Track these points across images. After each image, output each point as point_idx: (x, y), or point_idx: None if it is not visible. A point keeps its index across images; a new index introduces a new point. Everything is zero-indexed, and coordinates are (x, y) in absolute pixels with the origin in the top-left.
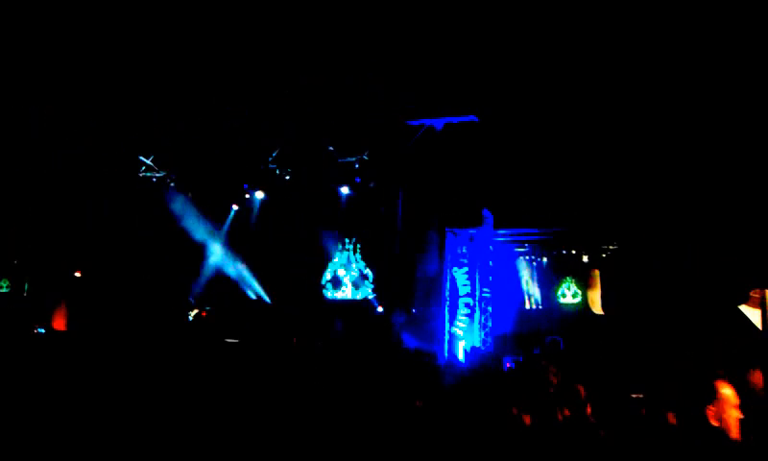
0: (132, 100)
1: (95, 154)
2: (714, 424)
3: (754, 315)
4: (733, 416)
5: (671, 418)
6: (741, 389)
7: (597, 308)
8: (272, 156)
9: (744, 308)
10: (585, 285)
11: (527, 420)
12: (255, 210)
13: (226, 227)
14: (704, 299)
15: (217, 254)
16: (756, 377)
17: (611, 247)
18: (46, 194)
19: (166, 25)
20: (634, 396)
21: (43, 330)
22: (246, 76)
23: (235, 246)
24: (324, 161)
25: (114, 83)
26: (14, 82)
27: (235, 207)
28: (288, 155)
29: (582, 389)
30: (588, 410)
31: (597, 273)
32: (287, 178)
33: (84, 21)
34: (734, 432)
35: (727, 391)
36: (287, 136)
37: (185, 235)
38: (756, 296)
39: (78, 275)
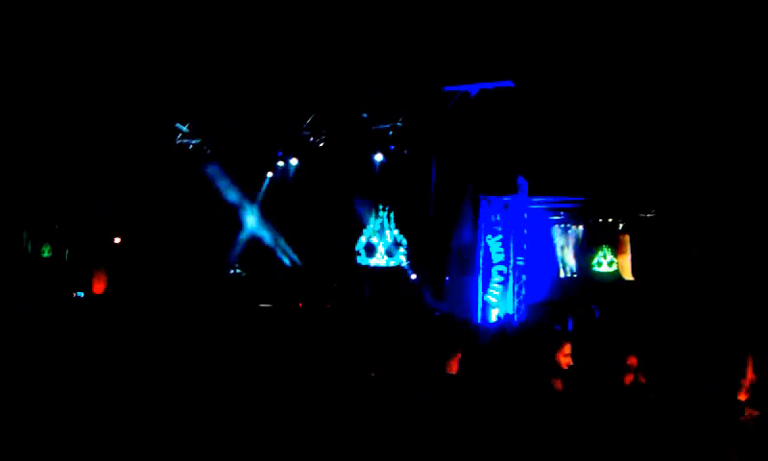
0: (167, 67)
1: (133, 121)
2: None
3: None
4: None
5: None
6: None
7: (627, 274)
8: (306, 122)
9: None
10: (616, 252)
11: (558, 385)
12: (290, 177)
13: (261, 193)
14: (735, 265)
15: (252, 220)
16: None
17: (644, 215)
18: (85, 162)
19: None
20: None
21: (82, 294)
22: (277, 43)
23: (270, 213)
24: (358, 128)
25: (153, 48)
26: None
27: (270, 175)
28: (322, 121)
29: (635, 359)
30: (642, 379)
31: (627, 239)
32: (321, 145)
33: None
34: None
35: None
36: (321, 103)
37: (221, 202)
38: None
39: (117, 241)
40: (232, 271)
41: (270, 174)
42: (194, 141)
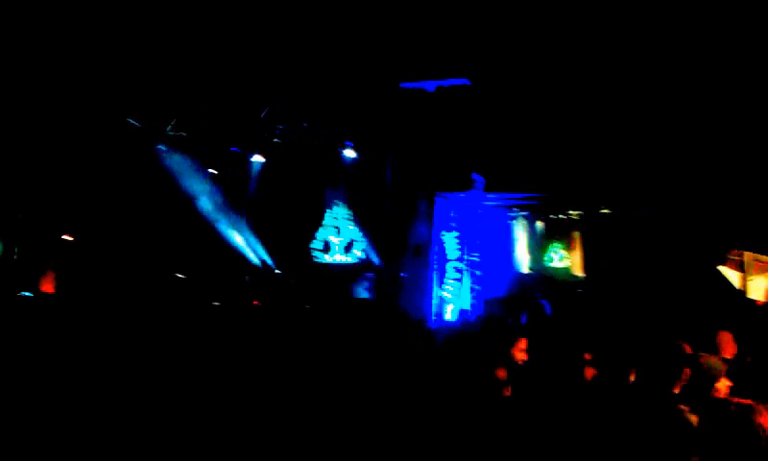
0: (126, 62)
1: (86, 114)
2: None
3: (733, 276)
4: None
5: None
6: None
7: (578, 270)
8: (261, 120)
9: (723, 269)
10: (567, 248)
11: (502, 374)
12: (248, 175)
13: (217, 190)
14: (683, 261)
15: (208, 217)
16: (725, 339)
17: (596, 211)
18: (38, 155)
19: None
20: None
21: (30, 294)
22: (228, 35)
23: (229, 211)
24: (312, 126)
25: (108, 45)
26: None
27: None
28: (277, 119)
29: (588, 354)
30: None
31: (577, 235)
32: (276, 141)
33: None
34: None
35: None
36: (275, 101)
37: (180, 199)
38: (735, 257)
39: (68, 238)
40: (188, 270)
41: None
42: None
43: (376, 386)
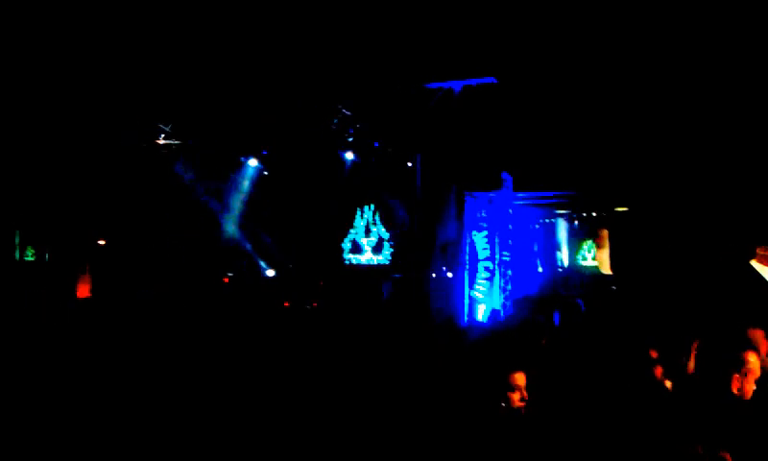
0: (146, 65)
1: (115, 120)
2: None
3: (764, 271)
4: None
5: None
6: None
7: (606, 268)
8: (289, 120)
9: (754, 264)
10: (595, 246)
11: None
12: (274, 176)
13: (245, 192)
14: (714, 257)
15: (237, 220)
16: (757, 337)
17: (623, 209)
18: (68, 162)
19: None
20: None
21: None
22: (255, 36)
23: (255, 212)
24: (341, 126)
25: (127, 47)
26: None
27: (253, 163)
28: (305, 119)
29: (654, 352)
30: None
31: (606, 233)
32: (305, 142)
33: None
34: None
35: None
36: (303, 101)
37: (204, 202)
38: (764, 253)
39: (102, 243)
40: (220, 273)
41: (253, 162)
42: (176, 141)
43: (406, 386)
